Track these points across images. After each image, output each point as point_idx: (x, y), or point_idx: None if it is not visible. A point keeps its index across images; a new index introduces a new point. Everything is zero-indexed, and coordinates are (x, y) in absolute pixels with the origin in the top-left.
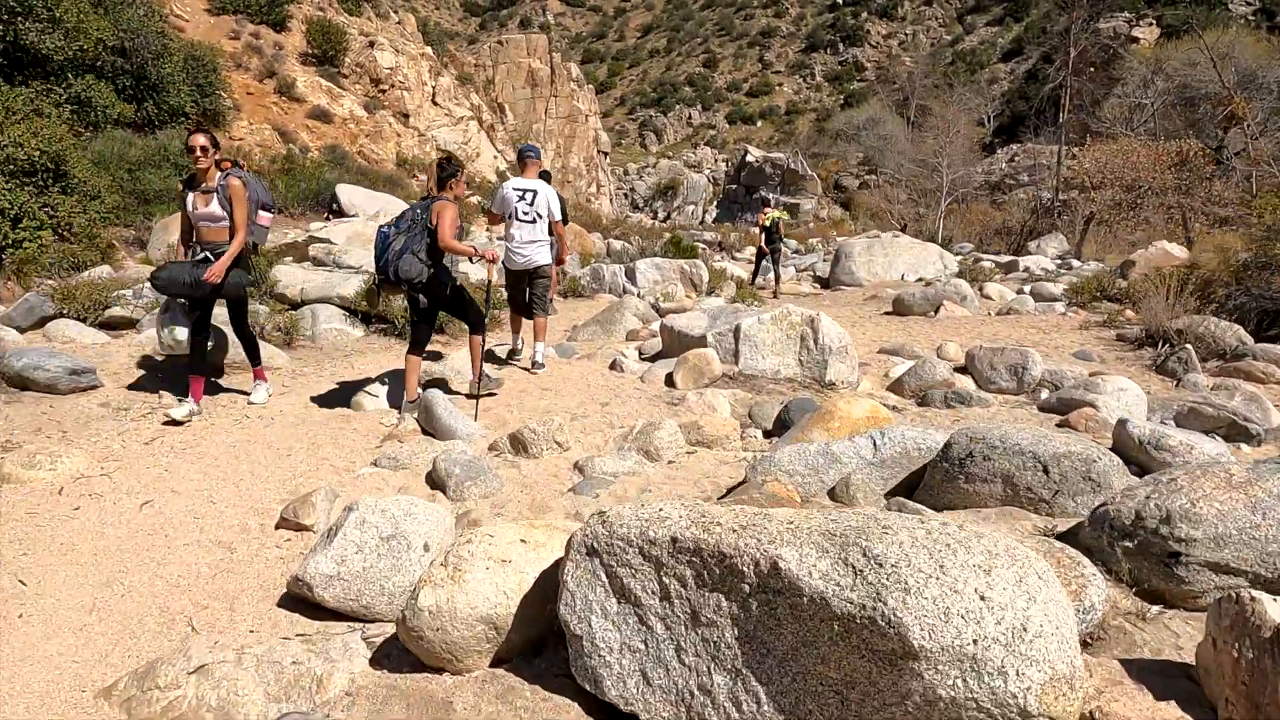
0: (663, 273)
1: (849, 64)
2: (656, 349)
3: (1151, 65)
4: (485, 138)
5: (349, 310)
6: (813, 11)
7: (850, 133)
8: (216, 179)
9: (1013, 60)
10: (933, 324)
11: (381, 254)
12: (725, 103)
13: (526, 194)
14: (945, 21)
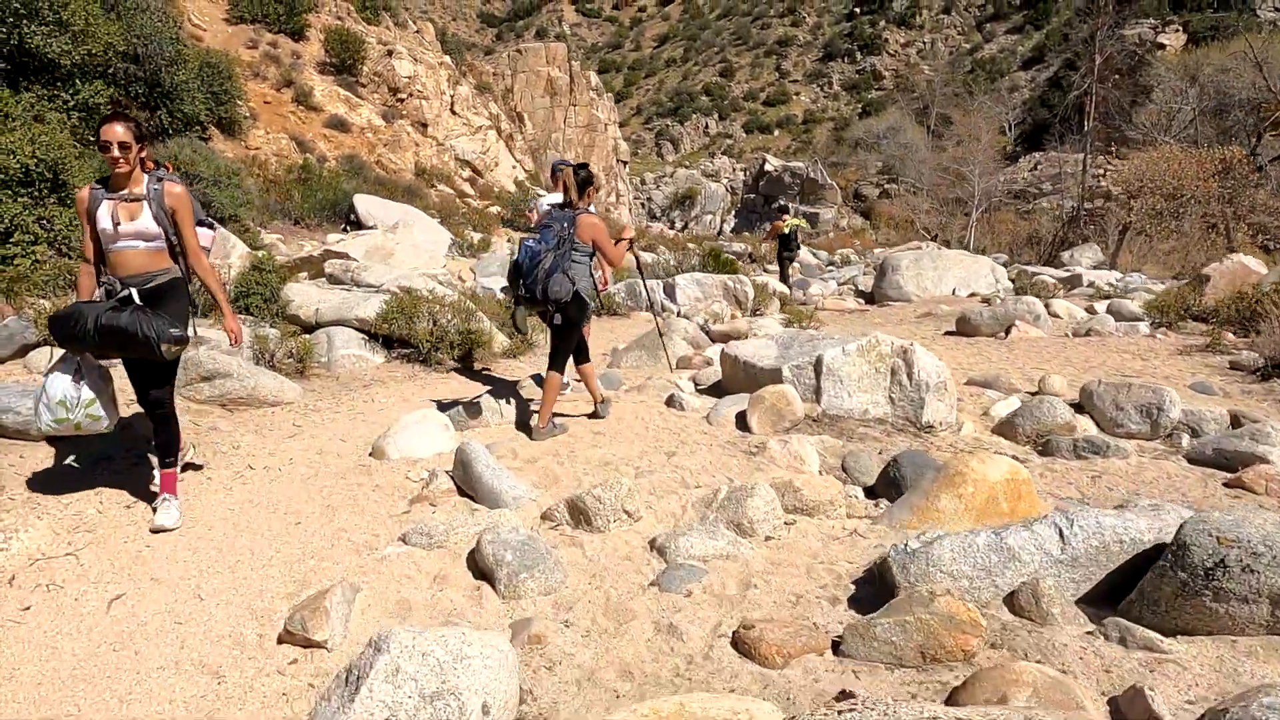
0: (704, 289)
1: (866, 73)
2: (714, 378)
3: (1180, 72)
4: (504, 147)
5: (368, 334)
6: (830, 20)
7: (870, 141)
8: (146, 184)
9: (1033, 68)
10: (1008, 347)
11: (530, 271)
12: (742, 112)
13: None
14: (964, 30)
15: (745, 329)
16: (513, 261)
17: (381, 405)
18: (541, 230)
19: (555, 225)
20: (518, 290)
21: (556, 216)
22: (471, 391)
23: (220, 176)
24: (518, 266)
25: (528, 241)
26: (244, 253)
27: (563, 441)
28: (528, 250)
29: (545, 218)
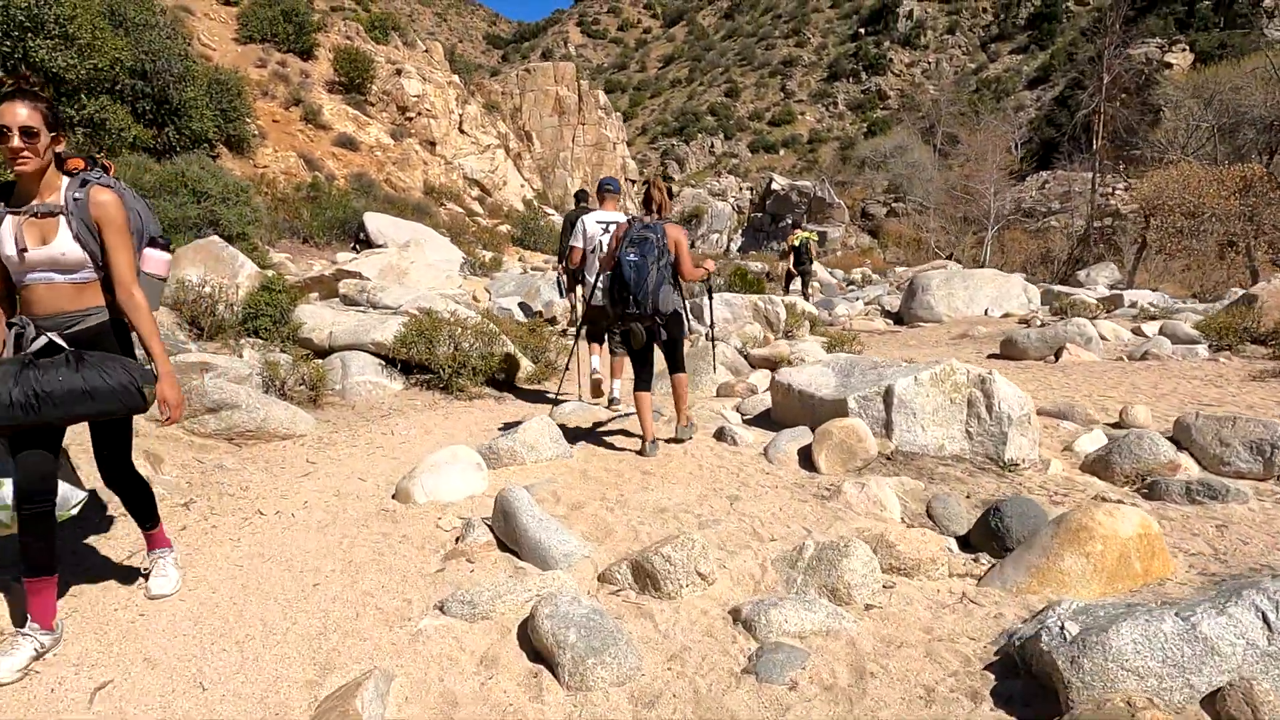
0: (733, 310)
1: (872, 92)
2: (760, 408)
3: (1189, 91)
4: (512, 166)
5: (385, 359)
6: (834, 41)
7: (877, 160)
8: (64, 191)
9: (1039, 88)
10: (1063, 373)
11: (639, 285)
12: (747, 131)
13: (610, 227)
14: (969, 49)
15: (786, 353)
16: (612, 277)
17: (403, 438)
18: (639, 244)
19: (652, 236)
20: (626, 307)
21: (648, 226)
22: (499, 421)
23: (228, 194)
24: (623, 282)
25: (629, 256)
26: (252, 272)
27: (609, 482)
28: (632, 265)
29: (634, 227)
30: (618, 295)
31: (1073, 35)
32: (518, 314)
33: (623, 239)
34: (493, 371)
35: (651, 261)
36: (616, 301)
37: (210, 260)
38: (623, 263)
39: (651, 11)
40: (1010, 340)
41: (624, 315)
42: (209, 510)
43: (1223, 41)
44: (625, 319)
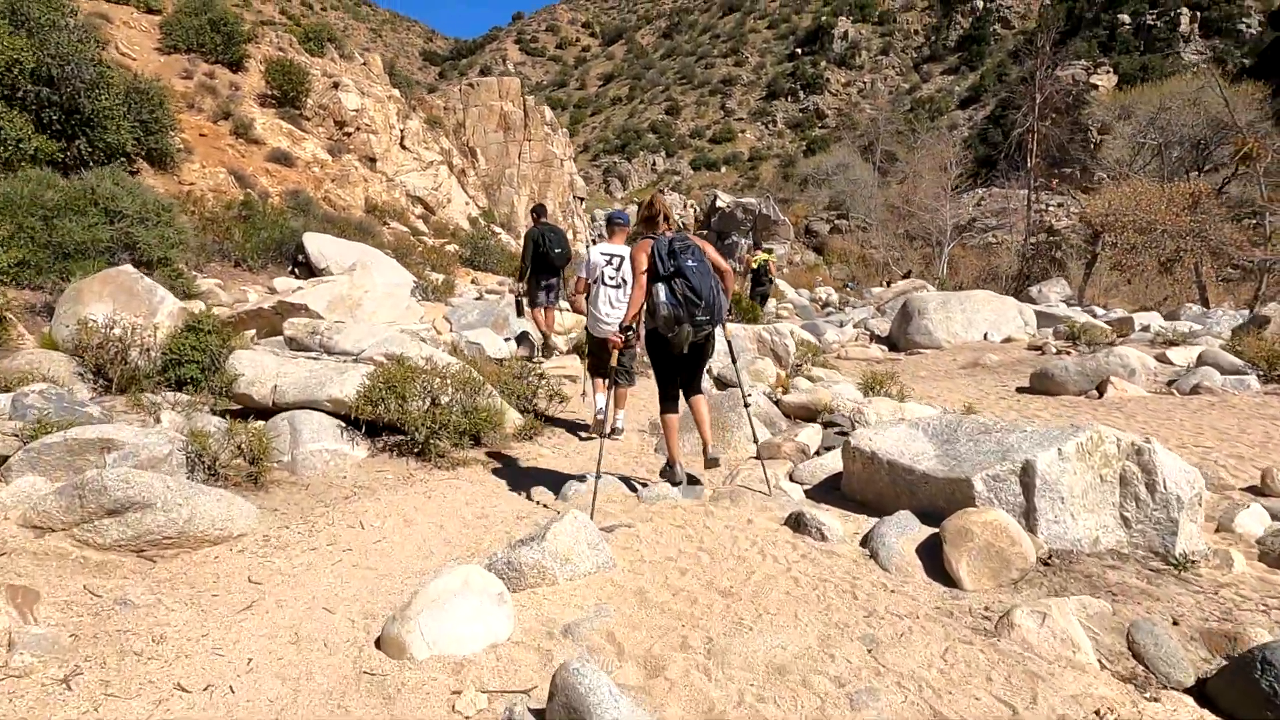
0: (736, 342)
1: (810, 111)
2: (818, 474)
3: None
4: (456, 183)
5: (345, 419)
6: (772, 60)
7: (819, 178)
8: None
9: (971, 107)
10: (1119, 412)
11: (710, 291)
12: (689, 149)
13: (614, 259)
14: (902, 70)
15: (828, 400)
16: (679, 282)
17: (377, 532)
18: (692, 252)
19: (694, 244)
20: (696, 315)
21: (683, 238)
22: (495, 498)
23: (148, 213)
24: (694, 290)
25: (688, 262)
26: (175, 309)
27: (682, 613)
28: (695, 271)
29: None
30: (686, 301)
31: (1000, 57)
32: (489, 349)
33: (667, 253)
34: (478, 429)
35: (708, 266)
36: (684, 307)
37: (121, 294)
38: (685, 270)
39: (590, 30)
40: (1045, 373)
41: (692, 322)
42: (102, 689)
43: (1144, 64)
44: (692, 325)
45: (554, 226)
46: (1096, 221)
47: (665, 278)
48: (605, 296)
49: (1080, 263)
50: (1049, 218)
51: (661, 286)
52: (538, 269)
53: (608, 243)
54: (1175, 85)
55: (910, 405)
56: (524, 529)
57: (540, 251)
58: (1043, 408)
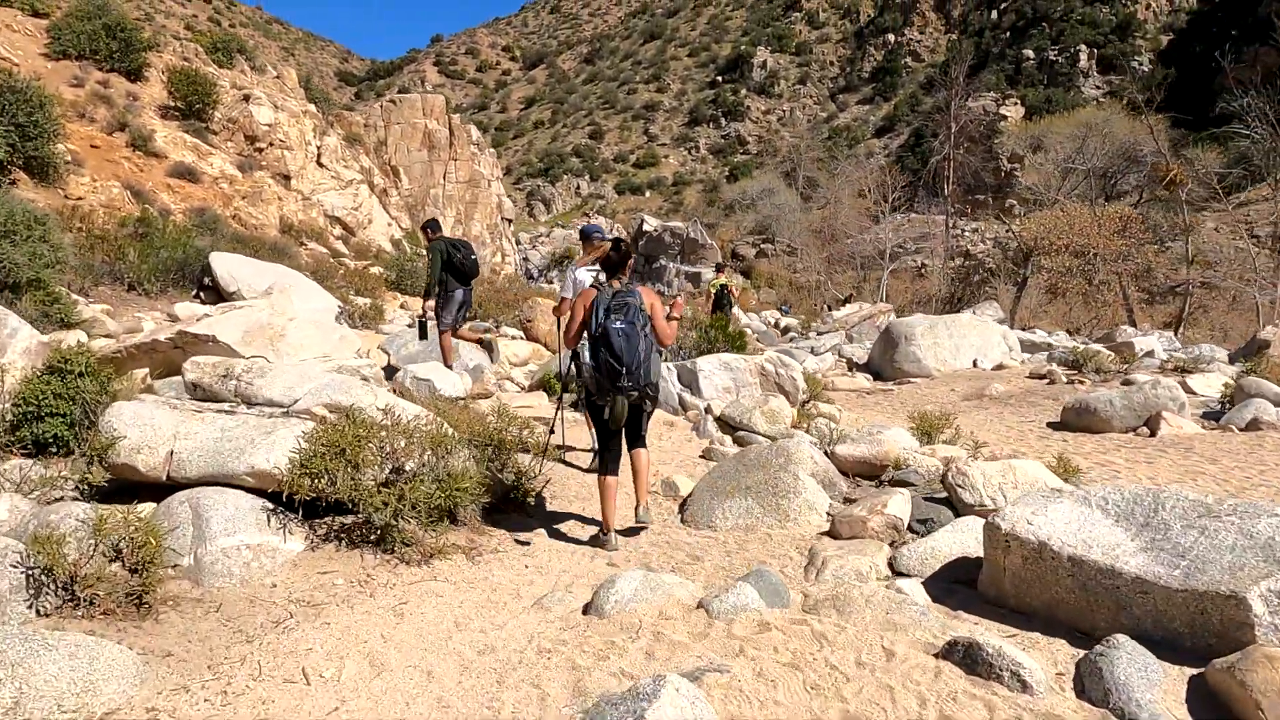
0: (735, 376)
1: (732, 138)
2: (935, 562)
3: (1025, 141)
4: (377, 203)
5: (274, 499)
6: (694, 87)
7: (745, 203)
8: None
9: (886, 136)
10: (1185, 454)
11: (633, 356)
12: (613, 173)
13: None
14: (820, 99)
15: (897, 454)
16: (601, 348)
17: (331, 692)
18: (622, 311)
19: (632, 301)
20: (619, 381)
21: (626, 292)
22: (491, 610)
23: (15, 227)
24: (614, 353)
25: (615, 324)
26: (32, 344)
27: None
28: (621, 333)
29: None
30: (607, 368)
31: (912, 88)
32: (442, 385)
33: (597, 306)
34: (454, 502)
35: (639, 328)
36: (605, 374)
37: None
38: (610, 332)
39: (510, 54)
40: (1085, 408)
41: (615, 389)
42: None
43: (1048, 97)
44: (616, 393)
45: (459, 239)
46: (1025, 244)
47: (593, 338)
48: None
49: (1008, 285)
50: (965, 243)
51: (588, 346)
52: (456, 278)
53: (588, 259)
54: (1086, 116)
55: (1024, 464)
56: (556, 673)
57: (454, 262)
58: (1105, 451)
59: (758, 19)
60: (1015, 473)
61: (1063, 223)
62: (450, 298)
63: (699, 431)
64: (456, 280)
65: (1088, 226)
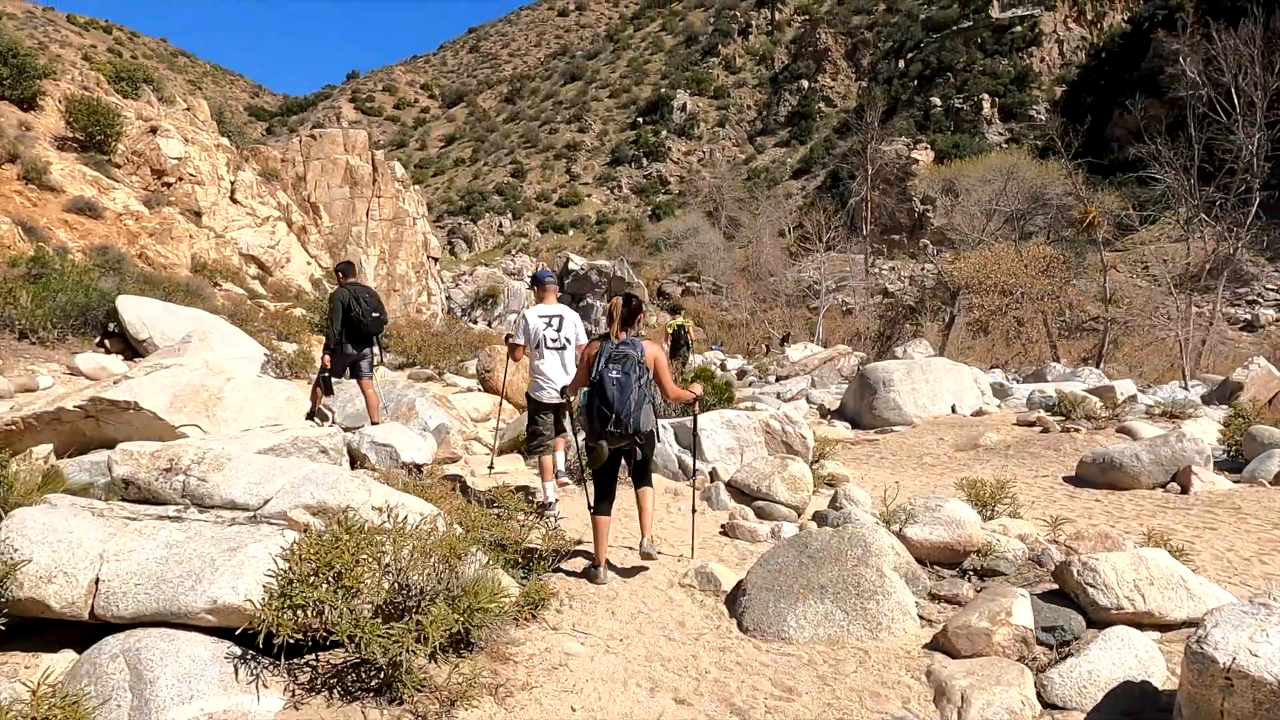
0: (739, 434)
1: (654, 178)
2: (1094, 692)
3: (938, 184)
4: (296, 241)
5: (242, 640)
6: (615, 128)
7: (671, 241)
8: None
9: (803, 177)
10: (1239, 518)
11: (623, 404)
12: (536, 211)
13: (553, 320)
14: (738, 141)
15: (980, 538)
16: (595, 395)
17: None
18: (621, 361)
19: (632, 353)
20: (607, 426)
21: (628, 343)
22: None
23: None
24: (606, 400)
25: (611, 373)
26: None
27: None
28: (615, 382)
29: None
30: (598, 413)
31: (827, 133)
32: (405, 450)
33: (599, 355)
34: (469, 625)
35: (634, 379)
36: (596, 419)
37: None
38: (605, 380)
39: (429, 92)
40: (1109, 462)
41: (603, 434)
42: None
43: (956, 142)
44: (604, 438)
45: (366, 286)
46: (961, 283)
47: (590, 385)
48: (550, 360)
49: (933, 323)
50: (883, 280)
51: (584, 393)
52: (350, 338)
53: (541, 304)
54: (993, 160)
55: (1153, 554)
56: None
57: (353, 316)
58: (1151, 514)
59: (676, 63)
60: (1148, 566)
61: (991, 262)
62: (342, 354)
63: (711, 502)
64: (348, 339)
65: (1014, 266)
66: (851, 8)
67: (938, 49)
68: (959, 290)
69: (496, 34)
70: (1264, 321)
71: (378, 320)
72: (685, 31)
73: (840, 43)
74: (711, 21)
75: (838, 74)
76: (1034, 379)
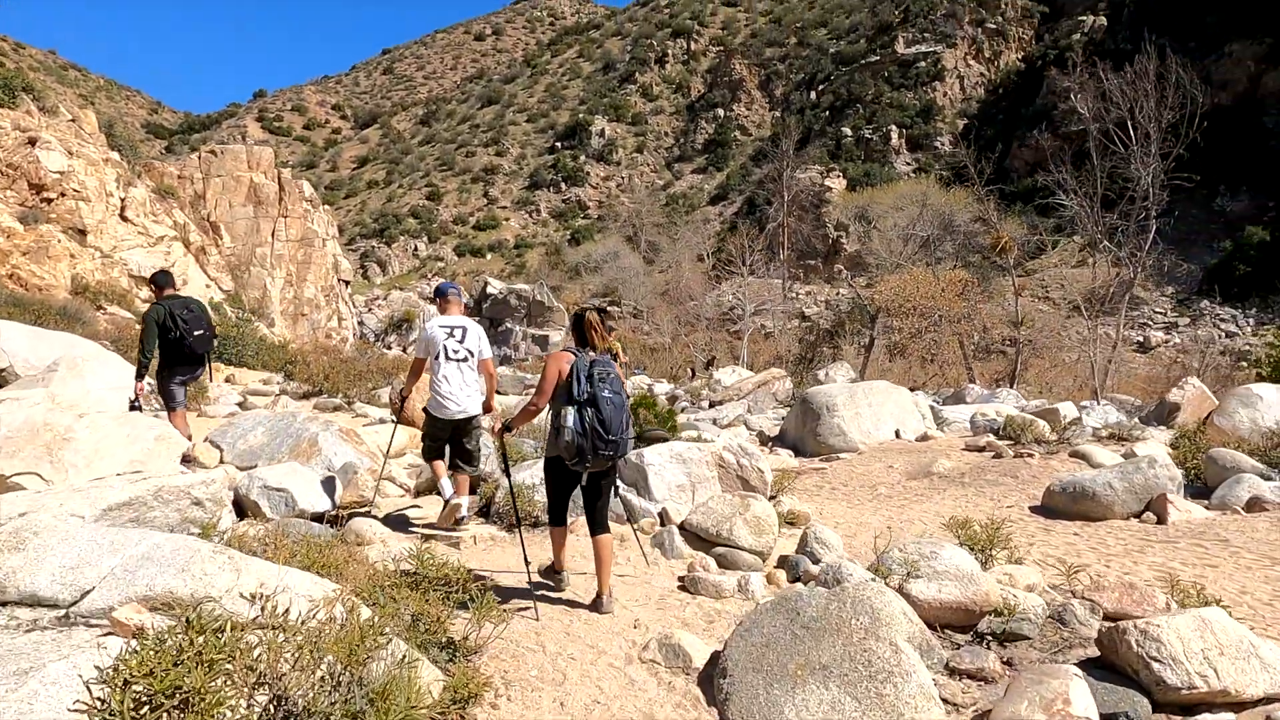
0: (690, 470)
1: (572, 202)
2: None
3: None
4: (194, 262)
5: None
6: (533, 152)
7: (591, 265)
8: None
9: (720, 203)
10: (1229, 550)
11: (619, 427)
12: (452, 235)
13: (455, 330)
14: (657, 167)
15: (996, 597)
16: (589, 415)
17: None
18: (610, 381)
19: (613, 372)
20: (602, 450)
21: (604, 363)
22: None
23: None
24: (604, 423)
25: (605, 392)
26: None
27: None
28: (611, 403)
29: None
30: (595, 436)
31: (743, 160)
32: (303, 497)
33: (578, 371)
34: None
35: (624, 399)
36: (590, 443)
37: None
38: (601, 400)
39: (340, 113)
40: (1080, 491)
41: (594, 458)
42: None
43: (866, 171)
44: (592, 461)
45: (187, 300)
46: (881, 306)
47: (578, 403)
48: (450, 372)
49: (851, 346)
50: (800, 305)
51: (571, 412)
52: (171, 360)
53: (444, 315)
54: (904, 189)
55: (1213, 614)
56: None
57: (172, 339)
58: (1139, 549)
59: (594, 89)
60: (1214, 631)
61: (910, 285)
62: (170, 376)
63: (665, 550)
64: (173, 363)
65: (932, 289)
66: (764, 40)
67: (847, 81)
68: (879, 313)
69: (411, 56)
70: (1155, 343)
71: (203, 338)
72: (603, 59)
73: (754, 73)
74: (629, 50)
75: (752, 103)
76: (954, 400)
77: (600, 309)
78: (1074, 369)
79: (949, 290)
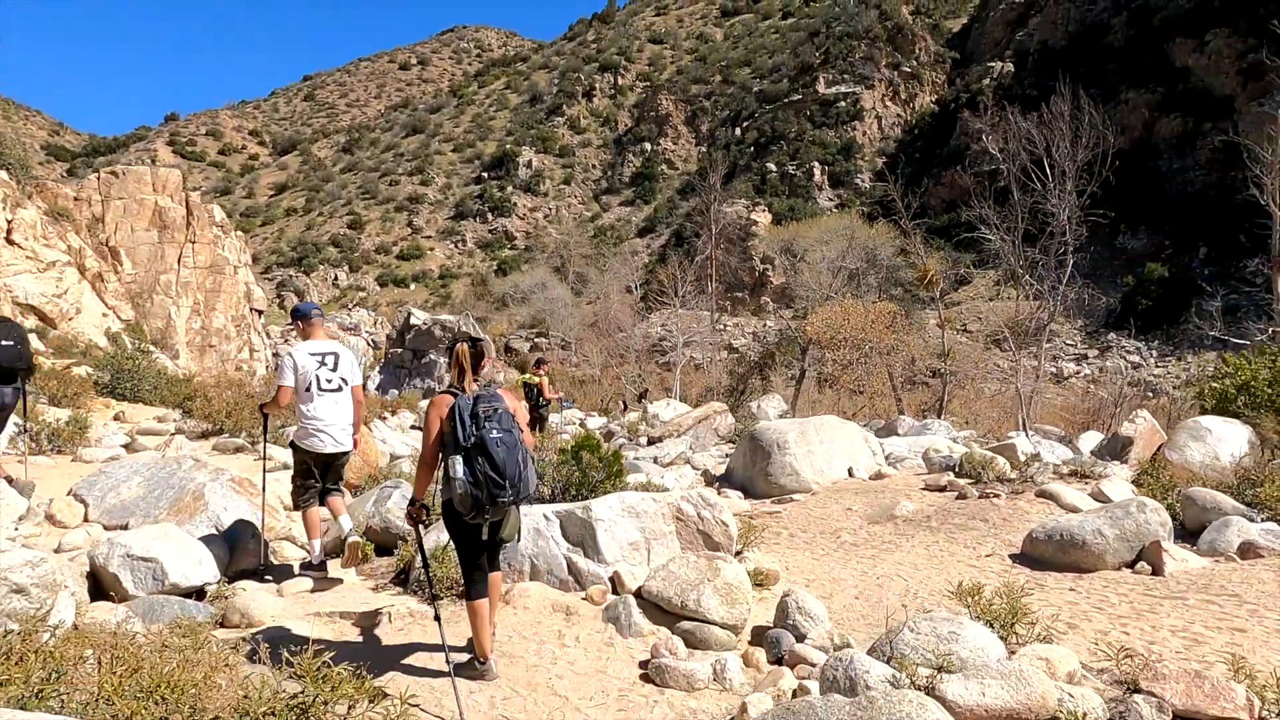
0: (644, 524)
1: (499, 233)
2: None
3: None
4: (90, 289)
5: None
6: (459, 182)
7: (518, 296)
8: None
9: (648, 236)
10: (1245, 606)
11: (515, 468)
12: (375, 264)
13: (327, 358)
14: (584, 199)
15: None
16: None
17: None
18: (497, 419)
19: (501, 407)
20: (500, 498)
21: (491, 397)
22: None
23: None
24: (496, 467)
25: (492, 433)
26: None
27: None
28: (501, 443)
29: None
30: (489, 484)
31: (670, 193)
32: (175, 570)
33: (459, 413)
34: None
35: (516, 435)
36: (486, 492)
37: None
38: (488, 443)
39: (259, 139)
40: (1068, 539)
41: (495, 506)
42: None
43: (791, 206)
44: (495, 510)
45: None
46: (806, 338)
47: (465, 450)
48: (324, 406)
49: (780, 377)
50: (727, 336)
51: (459, 460)
52: None
53: (311, 340)
54: (828, 223)
55: None
56: None
57: None
58: (1150, 610)
59: (521, 121)
60: None
61: (842, 317)
62: None
63: (621, 626)
64: None
65: (863, 321)
66: (690, 77)
67: (771, 119)
68: (809, 345)
69: (334, 83)
70: (1067, 374)
71: (11, 350)
72: (530, 91)
73: (680, 109)
74: (556, 83)
75: (679, 138)
76: (886, 432)
77: (473, 339)
78: (997, 400)
79: (879, 322)
